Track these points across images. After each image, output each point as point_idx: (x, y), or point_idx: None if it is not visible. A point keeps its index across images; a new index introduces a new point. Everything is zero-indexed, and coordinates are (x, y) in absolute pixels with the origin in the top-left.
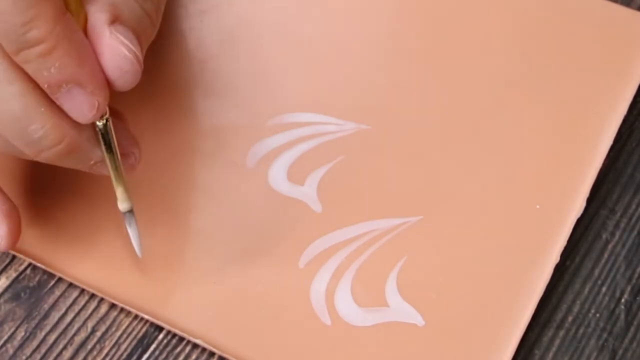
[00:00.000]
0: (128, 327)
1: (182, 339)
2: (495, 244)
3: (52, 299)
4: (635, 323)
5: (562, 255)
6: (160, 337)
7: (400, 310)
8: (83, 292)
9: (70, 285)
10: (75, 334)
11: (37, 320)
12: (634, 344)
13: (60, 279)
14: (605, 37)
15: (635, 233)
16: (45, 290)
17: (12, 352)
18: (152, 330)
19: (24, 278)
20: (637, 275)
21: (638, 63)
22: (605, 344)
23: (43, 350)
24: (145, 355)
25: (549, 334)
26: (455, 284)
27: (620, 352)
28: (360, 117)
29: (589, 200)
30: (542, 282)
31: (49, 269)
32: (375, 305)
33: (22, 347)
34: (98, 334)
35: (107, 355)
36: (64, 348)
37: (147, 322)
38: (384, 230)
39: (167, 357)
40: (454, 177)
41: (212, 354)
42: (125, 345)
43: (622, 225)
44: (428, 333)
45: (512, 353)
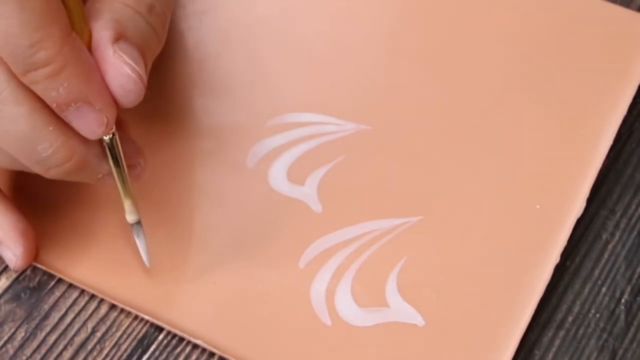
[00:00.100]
0: (128, 327)
1: (182, 340)
2: (495, 244)
3: (52, 300)
4: (636, 323)
5: (562, 256)
6: (161, 337)
7: (401, 311)
8: (83, 292)
9: (71, 286)
10: (76, 335)
11: (37, 321)
12: (634, 344)
13: (60, 280)
14: (605, 37)
15: (635, 233)
16: (46, 291)
17: (12, 352)
18: (152, 331)
19: (24, 279)
20: (637, 276)
21: (638, 63)
22: (606, 344)
23: (43, 351)
24: (146, 356)
25: (549, 334)
26: (456, 284)
27: (621, 352)
28: (361, 117)
29: (589, 201)
30: (542, 282)
31: (50, 270)
32: (376, 306)
33: (22, 347)
34: (98, 335)
35: (107, 356)
36: (64, 349)
37: (147, 322)
38: (384, 231)
39: (167, 357)
40: (454, 177)
41: (212, 355)
42: (126, 346)
43: (622, 226)
44: (428, 333)
45: (512, 353)
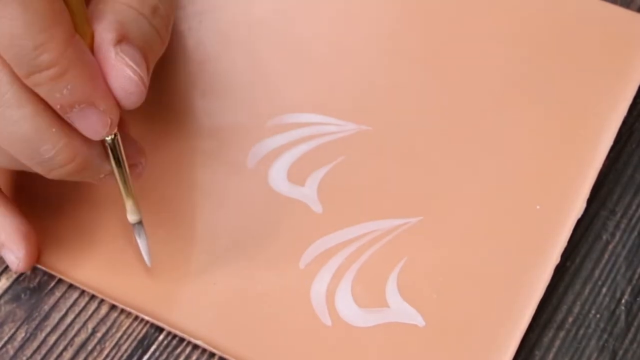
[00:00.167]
0: (128, 328)
1: (182, 340)
2: (496, 245)
3: (52, 300)
4: (636, 324)
5: (562, 256)
6: (161, 338)
7: (401, 311)
8: (83, 293)
9: (71, 287)
10: (76, 335)
11: (37, 321)
12: (634, 345)
13: (61, 280)
14: (605, 38)
15: (636, 234)
16: (46, 292)
17: (12, 353)
18: (152, 331)
19: (24, 279)
20: (637, 276)
21: (638, 64)
22: (606, 345)
23: (43, 351)
24: (146, 356)
25: (550, 335)
26: (456, 285)
27: (621, 352)
28: (361, 117)
29: (589, 201)
30: (542, 282)
31: (50, 271)
32: (376, 306)
33: (22, 348)
34: (98, 335)
35: (107, 356)
36: (65, 349)
37: (147, 323)
38: (385, 231)
39: (167, 358)
40: (454, 177)
41: (212, 355)
42: (126, 346)
43: (622, 226)
44: (428, 334)
45: (512, 354)
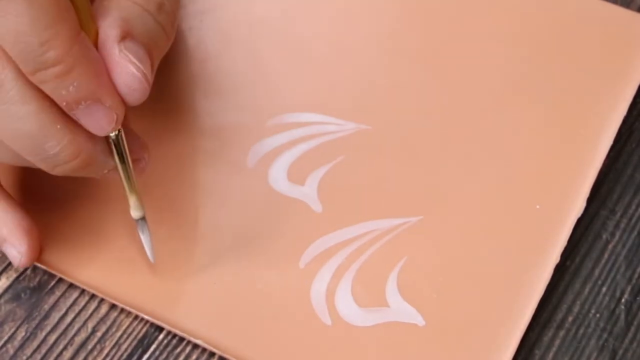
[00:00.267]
0: (128, 327)
1: (182, 339)
2: (496, 244)
3: (52, 300)
4: (636, 323)
5: (562, 256)
6: (161, 337)
7: (401, 311)
8: (83, 292)
9: (71, 286)
10: (76, 335)
11: (37, 321)
12: (634, 344)
13: (61, 280)
14: (605, 38)
15: (636, 233)
16: (46, 291)
17: (12, 352)
18: (152, 331)
19: (25, 278)
20: (637, 276)
21: (638, 63)
22: (606, 344)
23: (43, 351)
24: (146, 356)
25: (549, 334)
26: (456, 284)
27: (621, 352)
28: (361, 117)
29: (589, 201)
30: (542, 282)
31: (50, 270)
32: (376, 306)
33: (22, 347)
34: (98, 334)
35: (107, 356)
36: (65, 348)
37: (147, 322)
38: (384, 231)
39: (167, 357)
40: (454, 177)
41: (212, 354)
42: (126, 346)
43: (622, 226)
44: (428, 333)
45: (512, 353)
